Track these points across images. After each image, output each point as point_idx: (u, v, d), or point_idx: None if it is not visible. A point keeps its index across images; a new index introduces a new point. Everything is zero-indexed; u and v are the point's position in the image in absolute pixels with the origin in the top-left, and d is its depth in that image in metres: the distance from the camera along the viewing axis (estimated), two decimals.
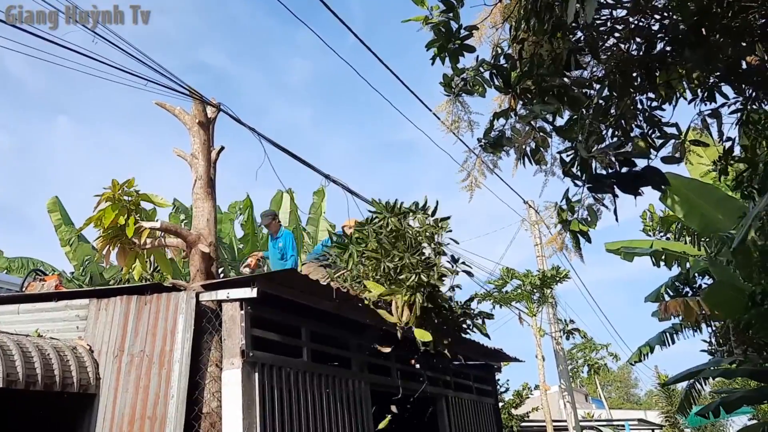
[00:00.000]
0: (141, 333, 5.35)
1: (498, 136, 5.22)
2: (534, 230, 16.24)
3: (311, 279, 5.57)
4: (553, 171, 4.99)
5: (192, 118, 6.17)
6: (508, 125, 5.22)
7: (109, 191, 5.83)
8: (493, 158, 5.42)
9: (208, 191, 6.01)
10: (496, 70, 5.15)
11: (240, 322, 5.17)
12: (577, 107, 4.88)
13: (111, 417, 5.14)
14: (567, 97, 4.90)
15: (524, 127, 5.20)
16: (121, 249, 5.98)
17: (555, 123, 5.01)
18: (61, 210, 15.40)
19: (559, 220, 4.81)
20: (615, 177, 4.55)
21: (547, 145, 5.14)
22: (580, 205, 4.66)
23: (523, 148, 5.18)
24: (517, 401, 17.44)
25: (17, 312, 5.98)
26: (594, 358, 28.49)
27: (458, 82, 5.29)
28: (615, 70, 4.86)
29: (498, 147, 5.23)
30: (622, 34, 4.93)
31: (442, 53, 5.09)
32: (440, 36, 5.01)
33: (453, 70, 5.15)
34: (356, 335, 6.81)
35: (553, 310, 15.05)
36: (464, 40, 5.05)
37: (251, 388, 5.07)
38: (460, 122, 5.58)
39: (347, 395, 6.37)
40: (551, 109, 4.91)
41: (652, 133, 4.74)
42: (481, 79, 5.22)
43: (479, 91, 5.28)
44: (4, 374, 4.67)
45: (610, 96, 4.94)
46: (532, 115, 4.98)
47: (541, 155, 5.13)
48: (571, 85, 4.96)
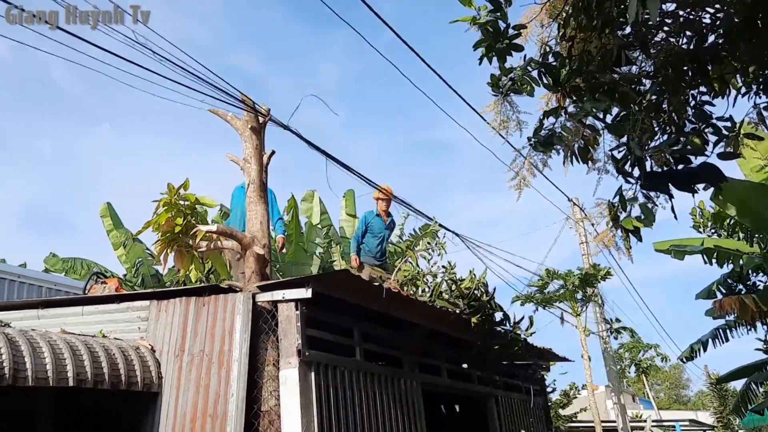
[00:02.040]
0: (200, 333, 5.51)
1: (548, 135, 5.21)
2: (579, 228, 16.08)
3: (363, 280, 5.66)
4: (606, 169, 4.96)
5: (244, 123, 6.32)
6: (558, 124, 5.21)
7: (165, 196, 6.01)
8: (542, 157, 5.41)
9: (260, 195, 6.14)
10: (544, 68, 5.14)
11: (296, 322, 5.28)
12: (627, 104, 4.86)
13: (174, 415, 5.30)
14: (617, 94, 4.88)
15: (575, 125, 5.18)
16: (178, 252, 6.14)
17: (606, 120, 4.99)
18: (113, 215, 15.84)
19: (611, 217, 4.79)
20: (670, 174, 4.52)
21: (598, 143, 5.11)
22: (633, 203, 4.63)
23: (573, 147, 5.16)
24: (564, 401, 17.29)
25: (81, 314, 6.21)
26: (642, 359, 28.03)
27: (506, 81, 5.29)
28: (666, 65, 4.82)
29: (548, 146, 5.22)
30: (672, 28, 4.89)
31: (490, 53, 5.10)
32: (488, 36, 5.02)
33: (500, 69, 5.15)
34: (406, 334, 6.88)
35: (600, 309, 14.87)
36: (512, 39, 5.06)
37: (308, 387, 5.18)
38: (509, 122, 5.57)
39: (399, 394, 6.44)
40: (602, 107, 4.89)
41: (705, 128, 4.68)
42: (529, 78, 5.21)
43: (527, 90, 5.28)
44: (74, 373, 4.87)
45: (661, 92, 4.90)
46: (582, 112, 4.96)
47: (591, 154, 5.10)
48: (620, 81, 4.93)
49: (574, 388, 17.66)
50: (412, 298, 6.20)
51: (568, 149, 4.94)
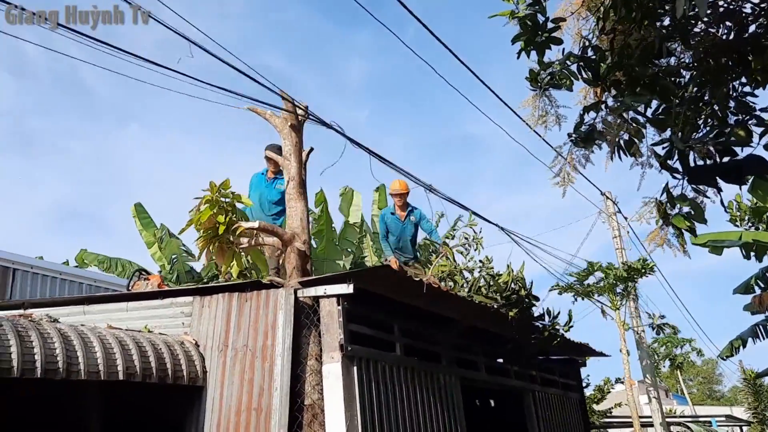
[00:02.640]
0: (243, 328, 5.59)
1: (589, 130, 5.17)
2: (612, 222, 15.91)
3: (404, 275, 5.69)
4: (650, 163, 4.92)
5: (283, 121, 6.38)
6: (598, 118, 5.17)
7: (207, 194, 6.10)
8: (584, 153, 5.37)
9: (300, 191, 6.21)
10: (583, 62, 5.11)
11: (337, 318, 5.33)
12: (668, 97, 4.81)
13: (219, 408, 5.40)
14: (658, 87, 4.83)
15: (616, 119, 5.13)
16: (219, 248, 6.23)
17: (647, 114, 4.94)
18: (145, 214, 16.09)
19: (660, 215, 4.74)
20: (717, 168, 4.47)
21: (641, 136, 5.06)
22: (682, 201, 4.59)
23: (616, 141, 5.11)
24: (598, 396, 17.16)
25: (126, 309, 6.34)
26: (677, 353, 27.64)
27: (544, 76, 5.26)
28: (706, 57, 4.76)
29: (589, 141, 5.18)
30: (711, 19, 4.82)
31: (528, 47, 5.08)
32: (526, 29, 5.00)
33: (539, 64, 5.13)
34: (444, 330, 6.91)
35: (635, 303, 14.71)
36: (551, 33, 5.03)
37: (351, 381, 5.23)
38: (547, 117, 5.53)
39: (438, 389, 6.47)
40: (642, 101, 4.84)
41: (749, 120, 4.62)
42: (567, 72, 5.18)
43: (566, 84, 5.25)
44: (123, 367, 4.99)
45: (703, 84, 4.84)
46: (623, 107, 4.92)
47: (636, 147, 5.05)
48: (661, 74, 4.88)
49: (608, 383, 17.51)
50: (451, 293, 6.21)
51: (612, 144, 4.90)
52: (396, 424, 5.62)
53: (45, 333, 4.71)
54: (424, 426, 6.00)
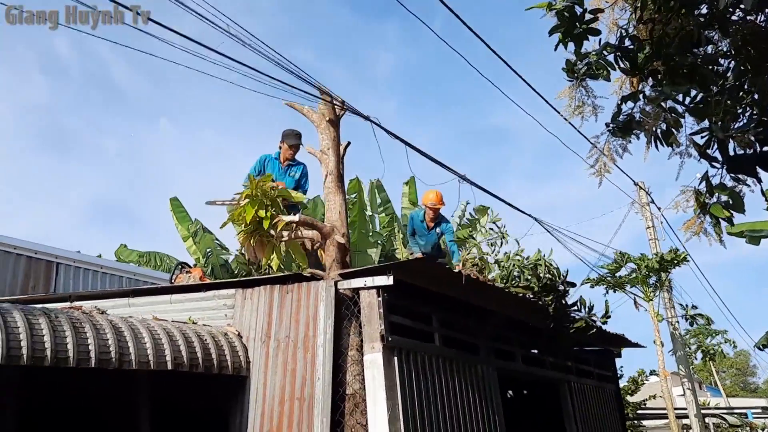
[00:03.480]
0: (285, 320, 5.72)
1: (626, 120, 5.17)
2: (645, 213, 15.77)
3: (443, 267, 5.77)
4: (688, 153, 4.91)
5: (320, 116, 6.48)
6: (636, 108, 5.17)
7: (247, 189, 6.23)
8: (621, 143, 5.37)
9: (338, 185, 6.31)
10: (621, 52, 5.10)
11: (378, 309, 5.43)
12: (707, 86, 4.79)
13: (263, 397, 5.53)
14: (697, 76, 4.81)
15: (654, 109, 5.12)
16: (259, 242, 6.37)
17: (685, 103, 4.93)
18: (180, 209, 16.39)
19: (698, 204, 4.74)
20: (757, 157, 4.45)
21: (680, 126, 5.05)
22: (721, 190, 4.58)
23: (654, 131, 5.11)
24: (632, 388, 17.05)
25: (170, 302, 6.50)
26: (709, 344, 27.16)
27: (581, 67, 5.26)
28: (745, 45, 4.73)
29: (627, 131, 5.18)
30: (751, 6, 4.78)
31: (566, 38, 5.09)
32: (564, 21, 5.01)
33: (576, 55, 5.14)
34: (482, 321, 6.96)
35: (669, 294, 14.59)
36: (589, 24, 5.04)
37: (392, 371, 5.33)
38: (584, 107, 5.53)
39: (476, 380, 6.54)
40: (681, 90, 4.83)
41: None
42: (605, 63, 5.18)
43: (603, 74, 5.25)
44: (171, 357, 5.14)
45: (742, 72, 4.81)
46: (662, 96, 4.91)
47: (675, 137, 5.05)
48: (699, 63, 4.86)
49: (642, 375, 17.39)
50: (489, 284, 6.26)
51: (650, 134, 4.90)
52: (435, 414, 5.71)
53: (98, 324, 4.89)
54: (462, 416, 6.08)
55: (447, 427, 5.81)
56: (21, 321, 4.44)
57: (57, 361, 4.49)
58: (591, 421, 9.08)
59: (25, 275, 9.69)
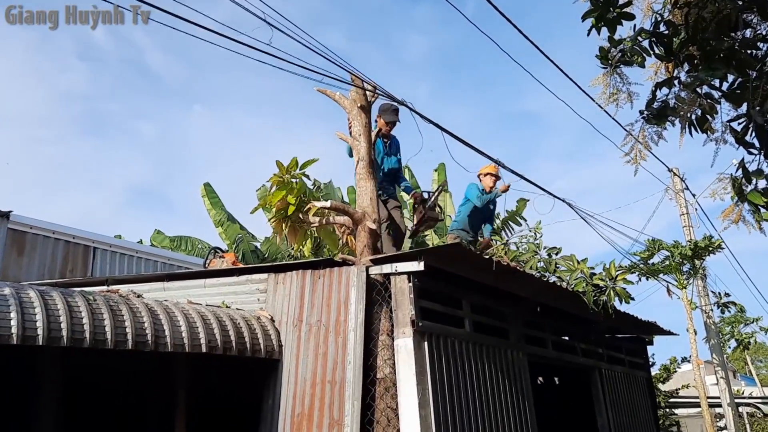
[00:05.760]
0: (317, 305, 5.78)
1: (661, 107, 5.09)
2: (680, 199, 15.52)
3: (474, 253, 5.77)
4: (724, 139, 4.82)
5: (351, 102, 6.49)
6: (671, 94, 5.09)
7: (277, 175, 6.28)
8: (657, 129, 5.29)
9: (369, 171, 6.33)
10: (655, 37, 5.02)
11: (408, 294, 5.46)
12: (745, 71, 4.69)
13: (294, 381, 5.62)
14: (734, 61, 4.72)
15: (689, 95, 5.04)
16: (291, 228, 6.43)
17: (722, 89, 4.84)
18: (213, 194, 16.61)
19: (735, 191, 4.66)
20: None
21: (715, 112, 4.96)
22: (758, 176, 4.50)
23: (689, 117, 5.02)
24: (664, 376, 16.88)
25: (203, 286, 6.62)
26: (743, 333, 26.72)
27: (615, 53, 5.19)
28: None
29: (662, 118, 5.10)
30: None
31: (600, 23, 5.02)
32: (597, 6, 4.95)
33: (609, 41, 5.06)
34: (513, 307, 6.96)
35: (703, 282, 14.38)
36: (623, 8, 4.96)
37: (422, 356, 5.37)
38: (619, 94, 5.46)
39: (506, 365, 6.54)
40: (718, 75, 4.74)
41: None
42: (639, 48, 5.10)
43: (638, 60, 5.17)
44: (206, 340, 5.25)
45: None
46: (697, 81, 4.83)
47: (709, 123, 4.96)
48: (737, 47, 4.76)
49: (674, 362, 17.20)
50: (522, 272, 6.24)
51: (685, 120, 4.82)
52: (465, 399, 5.73)
53: (134, 307, 5.00)
54: (492, 402, 6.10)
55: (476, 413, 5.84)
56: (61, 303, 4.56)
57: (95, 343, 4.60)
58: (622, 408, 9.03)
59: (64, 259, 9.96)
